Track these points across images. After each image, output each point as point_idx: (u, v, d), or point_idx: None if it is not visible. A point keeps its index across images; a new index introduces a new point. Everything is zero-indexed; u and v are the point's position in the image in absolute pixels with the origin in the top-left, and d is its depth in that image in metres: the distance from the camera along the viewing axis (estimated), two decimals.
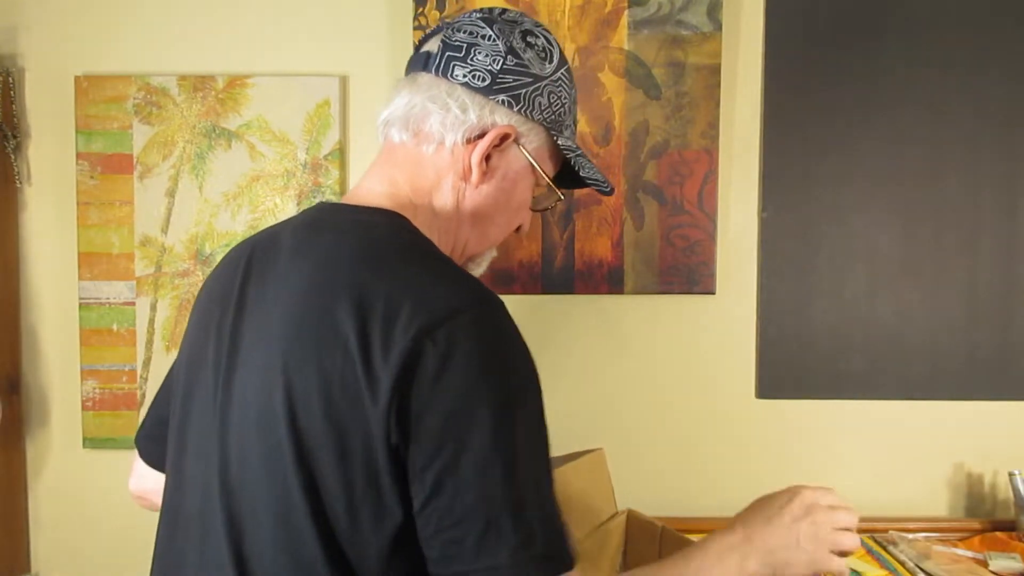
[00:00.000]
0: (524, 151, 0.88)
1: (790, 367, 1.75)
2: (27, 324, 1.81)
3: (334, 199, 1.73)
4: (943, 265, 1.72)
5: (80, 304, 1.77)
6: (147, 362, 1.77)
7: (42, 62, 1.78)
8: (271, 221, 1.75)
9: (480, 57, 0.84)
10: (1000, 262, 1.72)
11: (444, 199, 0.87)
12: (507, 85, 0.85)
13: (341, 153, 1.75)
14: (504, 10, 0.90)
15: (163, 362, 1.77)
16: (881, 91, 1.71)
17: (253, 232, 1.74)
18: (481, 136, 0.85)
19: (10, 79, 1.75)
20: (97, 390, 1.77)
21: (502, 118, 0.85)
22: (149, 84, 1.74)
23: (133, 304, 1.76)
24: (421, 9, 1.69)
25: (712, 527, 1.58)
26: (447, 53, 0.85)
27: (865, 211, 1.73)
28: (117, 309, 1.76)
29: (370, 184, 0.90)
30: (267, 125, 1.74)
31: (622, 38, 1.69)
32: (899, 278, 1.73)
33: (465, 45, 0.85)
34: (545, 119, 0.88)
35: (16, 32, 1.77)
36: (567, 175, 0.95)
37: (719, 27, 1.68)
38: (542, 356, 0.87)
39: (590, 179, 0.94)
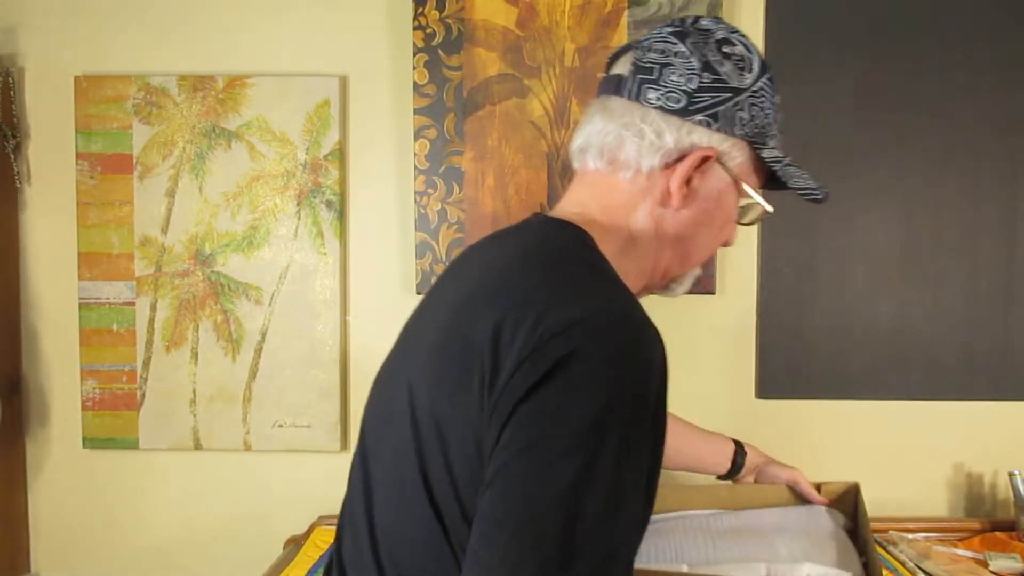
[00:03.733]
0: (726, 169, 0.84)
1: (790, 367, 1.75)
2: (27, 324, 1.81)
3: (333, 200, 1.73)
4: (943, 265, 1.72)
5: (80, 304, 1.77)
6: (147, 362, 1.77)
7: (42, 62, 1.78)
8: (271, 221, 1.75)
9: (674, 77, 0.81)
10: (1000, 262, 1.72)
11: (642, 224, 0.84)
12: (704, 104, 0.81)
13: (341, 153, 1.75)
14: (697, 19, 0.85)
15: (163, 362, 1.77)
16: (881, 91, 1.71)
17: (253, 232, 1.75)
18: (680, 160, 0.81)
19: (10, 79, 1.75)
20: (97, 390, 1.77)
21: (701, 139, 0.81)
22: (149, 84, 1.74)
23: (133, 304, 1.76)
24: (421, 9, 1.69)
25: None
26: (639, 76, 0.82)
27: (865, 211, 1.73)
28: (117, 309, 1.76)
29: (563, 205, 0.89)
30: (267, 125, 1.74)
31: (622, 38, 1.69)
32: (899, 278, 1.73)
33: (657, 66, 0.81)
34: (747, 133, 0.83)
35: (16, 32, 1.77)
36: (773, 180, 0.90)
37: None
38: None
39: (801, 189, 0.88)
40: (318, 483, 1.79)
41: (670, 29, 0.84)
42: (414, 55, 1.71)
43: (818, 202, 0.90)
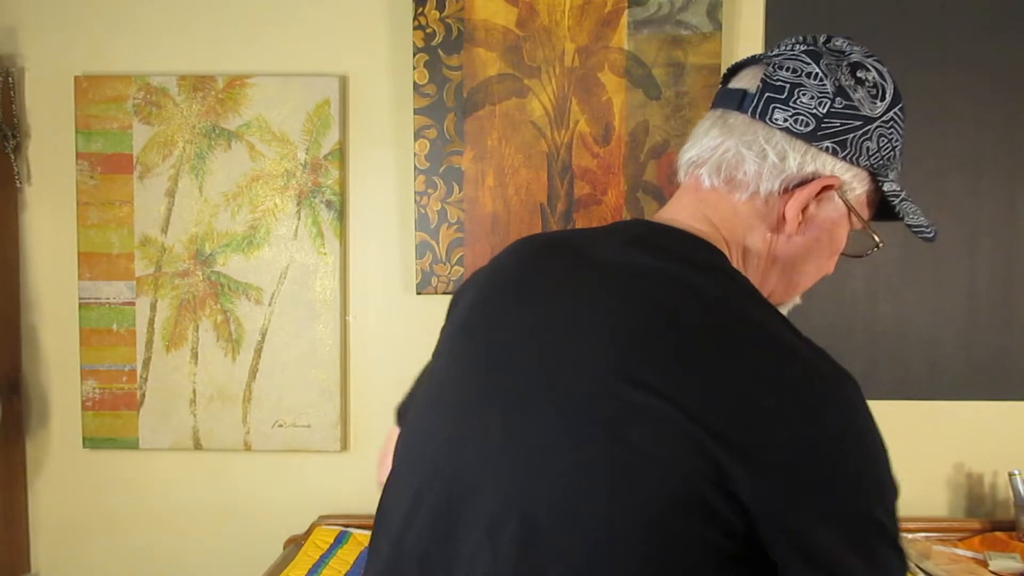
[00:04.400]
0: (844, 199, 0.79)
1: None
2: (27, 324, 1.81)
3: (333, 200, 1.73)
4: (943, 265, 1.72)
5: (80, 304, 1.77)
6: (147, 362, 1.77)
7: (42, 62, 1.78)
8: (271, 221, 1.75)
9: (804, 99, 0.76)
10: (1000, 262, 1.72)
11: (754, 248, 0.80)
12: (833, 130, 0.76)
13: (341, 153, 1.75)
14: (829, 38, 0.81)
15: (163, 362, 1.77)
16: None
17: (253, 232, 1.75)
18: (800, 185, 0.77)
19: (10, 79, 1.75)
20: (97, 390, 1.77)
21: (825, 166, 0.77)
22: (149, 84, 1.74)
23: (133, 304, 1.76)
24: (421, 9, 1.69)
25: None
26: (767, 93, 0.78)
27: None
28: (117, 309, 1.76)
29: (685, 219, 0.81)
30: (267, 125, 1.74)
31: (622, 38, 1.69)
32: (899, 278, 1.73)
33: (788, 85, 0.77)
34: (872, 164, 0.79)
35: (16, 32, 1.77)
36: (882, 211, 0.86)
37: (719, 27, 1.68)
38: None
39: (914, 226, 0.83)
40: (318, 483, 1.79)
41: (803, 47, 0.79)
42: (414, 55, 1.71)
43: (929, 240, 0.85)
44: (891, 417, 1.75)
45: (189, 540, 1.81)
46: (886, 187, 0.81)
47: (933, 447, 1.75)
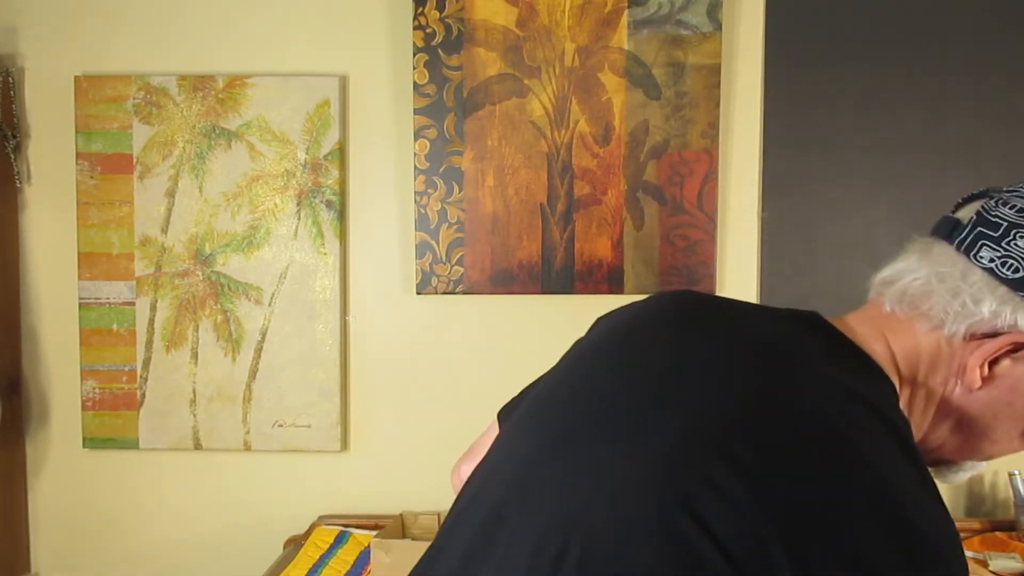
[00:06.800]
0: None
1: None
2: (27, 324, 1.81)
3: (333, 200, 1.73)
4: None
5: (80, 304, 1.77)
6: (147, 362, 1.77)
7: (42, 62, 1.78)
8: (271, 221, 1.75)
9: (1021, 243, 0.68)
10: None
11: (929, 390, 0.72)
12: None
13: (341, 153, 1.75)
14: None
15: (163, 362, 1.77)
16: (881, 91, 1.71)
17: (253, 232, 1.75)
18: (991, 335, 0.68)
19: (10, 79, 1.75)
20: (97, 390, 1.77)
21: None
22: (149, 84, 1.74)
23: (133, 304, 1.76)
24: (421, 9, 1.69)
25: None
26: (979, 228, 0.70)
27: (865, 211, 1.73)
28: (117, 309, 1.76)
29: (867, 335, 0.73)
30: (267, 125, 1.74)
31: (622, 38, 1.69)
32: None
33: (1005, 224, 0.69)
34: None
35: (16, 32, 1.77)
36: None
37: (719, 27, 1.68)
38: (541, 357, 0.87)
39: None
40: (318, 483, 1.79)
41: None
42: (414, 55, 1.71)
43: None
44: None
45: (189, 540, 1.81)
46: None
47: None
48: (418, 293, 1.74)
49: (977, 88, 1.71)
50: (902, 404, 0.70)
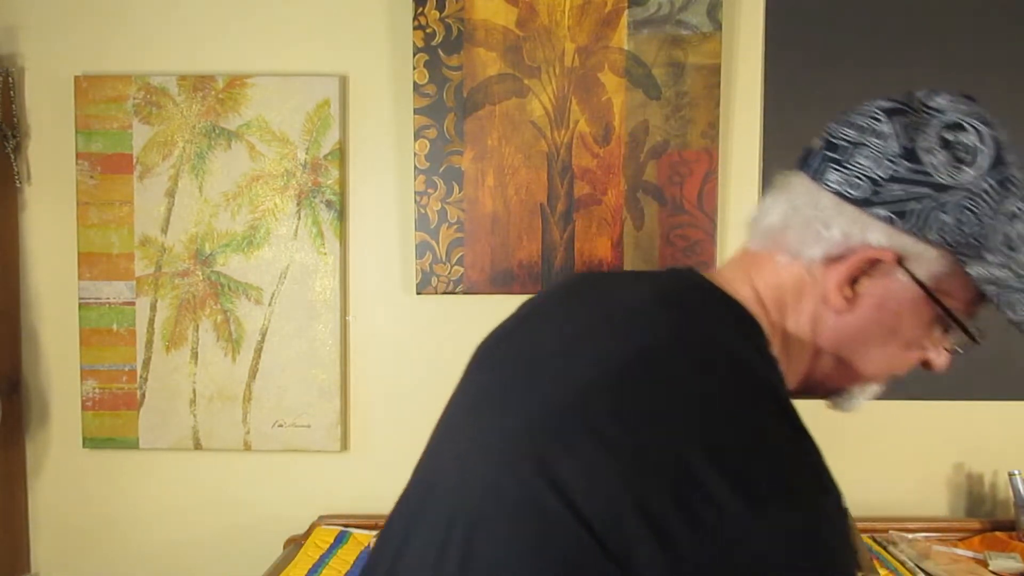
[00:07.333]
0: (912, 278, 0.69)
1: None
2: (27, 324, 1.81)
3: (333, 200, 1.73)
4: None
5: (80, 304, 1.77)
6: (147, 362, 1.77)
7: (42, 62, 1.78)
8: (271, 221, 1.75)
9: (862, 160, 0.68)
10: None
11: (801, 320, 0.73)
12: (892, 197, 0.67)
13: (341, 153, 1.75)
14: (935, 94, 0.72)
15: (163, 362, 1.77)
16: (881, 92, 1.71)
17: (253, 232, 1.75)
18: (847, 256, 0.69)
19: (10, 79, 1.75)
20: (97, 390, 1.77)
21: (878, 238, 0.68)
22: (149, 84, 1.74)
23: (133, 304, 1.76)
24: (421, 9, 1.69)
25: None
26: (825, 152, 0.71)
27: None
28: (117, 309, 1.76)
29: (734, 280, 0.75)
30: (267, 125, 1.74)
31: (622, 38, 1.69)
32: None
33: (848, 145, 0.69)
34: (948, 241, 0.67)
35: (16, 32, 1.77)
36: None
37: (719, 27, 1.68)
38: None
39: (1019, 322, 0.74)
40: (318, 483, 1.79)
41: (885, 103, 0.72)
42: (414, 55, 1.71)
43: None
44: (891, 417, 1.75)
45: (189, 540, 1.81)
46: (972, 271, 0.69)
47: (933, 447, 1.75)
48: (418, 293, 1.74)
49: (977, 88, 1.70)
50: (776, 346, 0.71)
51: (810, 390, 0.79)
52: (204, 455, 1.80)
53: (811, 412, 1.92)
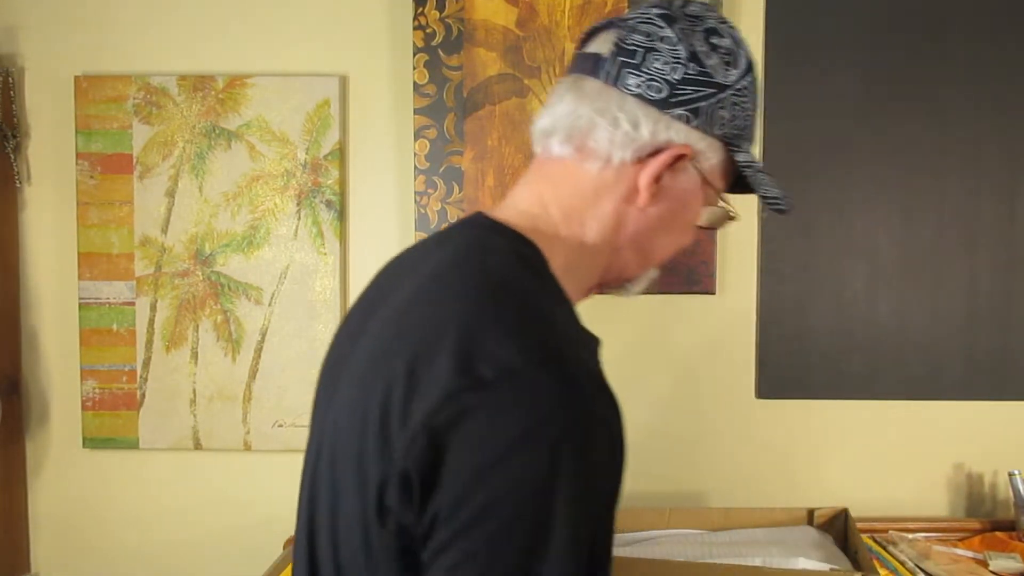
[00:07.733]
0: (698, 170, 0.77)
1: (790, 367, 1.75)
2: (27, 324, 1.81)
3: (333, 200, 1.73)
4: (943, 265, 1.72)
5: (80, 304, 1.77)
6: (147, 362, 1.77)
7: (42, 62, 1.77)
8: (271, 221, 1.75)
9: (658, 65, 0.73)
10: (1000, 262, 1.72)
11: (603, 222, 0.77)
12: (686, 97, 0.74)
13: (341, 153, 1.75)
14: (685, 3, 0.78)
15: (163, 362, 1.77)
16: (881, 91, 1.71)
17: (253, 232, 1.75)
18: (653, 155, 0.75)
19: (10, 79, 1.75)
20: (97, 390, 1.77)
21: (678, 135, 0.74)
22: (149, 84, 1.74)
23: (133, 304, 1.76)
24: (421, 9, 1.69)
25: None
26: (620, 58, 0.75)
27: (865, 211, 1.73)
28: (117, 309, 1.76)
29: (515, 200, 0.79)
30: (267, 125, 1.74)
31: None
32: (899, 278, 1.73)
33: (641, 50, 0.74)
34: (725, 134, 0.77)
35: (16, 32, 1.77)
36: (737, 184, 0.85)
37: None
38: None
39: (769, 197, 0.84)
40: None
41: (657, 11, 0.76)
42: (414, 55, 1.71)
43: (782, 212, 0.85)
44: (891, 417, 1.75)
45: (189, 540, 1.81)
46: (739, 157, 0.80)
47: (933, 447, 1.75)
48: None
49: (977, 88, 1.71)
50: (561, 259, 0.74)
51: (605, 285, 0.84)
52: (204, 455, 1.80)
53: (816, 413, 1.90)
